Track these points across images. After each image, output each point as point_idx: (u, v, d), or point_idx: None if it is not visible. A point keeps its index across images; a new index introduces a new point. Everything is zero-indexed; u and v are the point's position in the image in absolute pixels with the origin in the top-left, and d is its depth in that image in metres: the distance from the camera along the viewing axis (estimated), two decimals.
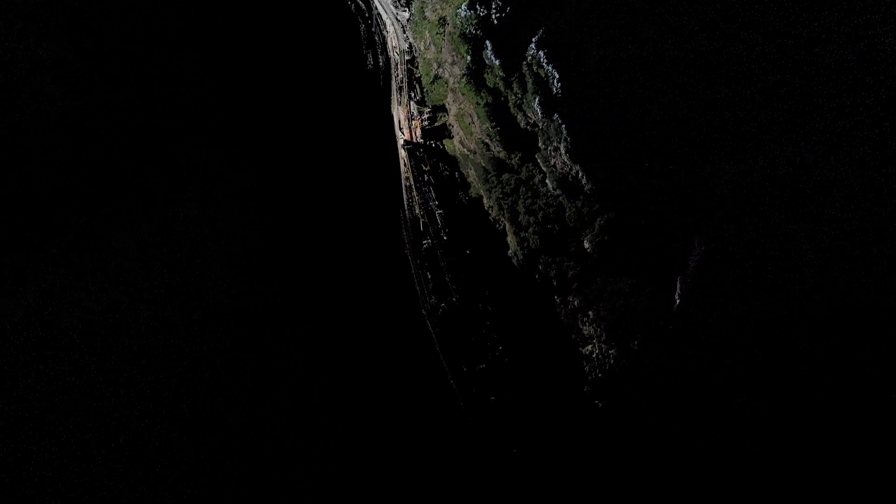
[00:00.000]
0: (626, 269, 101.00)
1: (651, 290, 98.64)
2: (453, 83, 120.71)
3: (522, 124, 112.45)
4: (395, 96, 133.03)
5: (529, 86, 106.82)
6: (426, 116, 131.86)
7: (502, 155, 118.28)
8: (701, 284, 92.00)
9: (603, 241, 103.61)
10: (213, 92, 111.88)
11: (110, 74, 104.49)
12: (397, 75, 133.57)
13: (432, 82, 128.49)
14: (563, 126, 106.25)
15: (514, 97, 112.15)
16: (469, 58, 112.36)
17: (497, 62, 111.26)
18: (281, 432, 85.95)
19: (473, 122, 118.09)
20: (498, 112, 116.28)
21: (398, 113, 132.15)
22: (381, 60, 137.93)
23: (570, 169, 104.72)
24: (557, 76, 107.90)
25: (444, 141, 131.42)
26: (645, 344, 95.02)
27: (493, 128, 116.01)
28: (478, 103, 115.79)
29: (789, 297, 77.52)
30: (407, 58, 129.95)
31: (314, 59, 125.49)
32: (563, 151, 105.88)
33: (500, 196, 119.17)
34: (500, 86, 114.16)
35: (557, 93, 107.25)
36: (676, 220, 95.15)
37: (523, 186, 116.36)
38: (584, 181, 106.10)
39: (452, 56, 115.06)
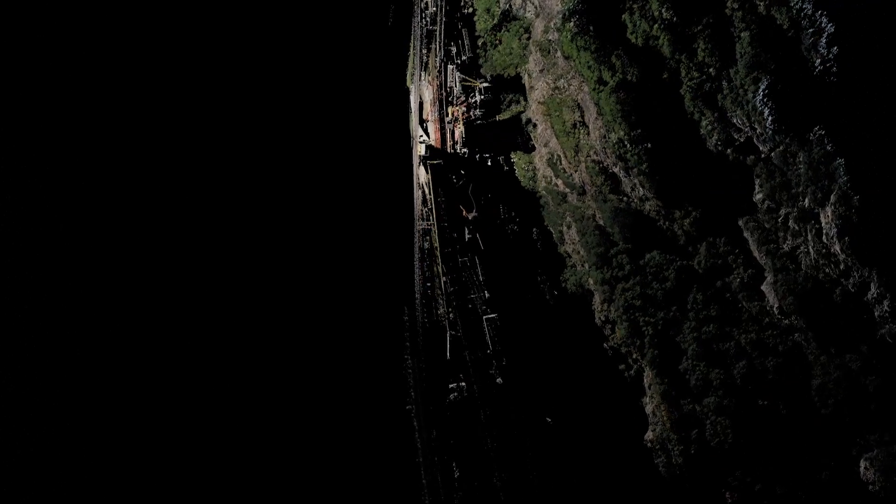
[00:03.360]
0: None
1: None
2: (543, 31, 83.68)
3: (714, 141, 70.37)
4: (416, 53, 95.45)
5: (744, 48, 65.05)
6: (477, 99, 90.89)
7: (650, 208, 77.23)
8: None
9: None
10: None
11: None
12: (424, 5, 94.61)
13: (496, 27, 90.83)
14: (840, 163, 59.75)
15: (695, 74, 69.49)
16: None
17: None
18: None
19: (585, 123, 79.89)
20: (647, 106, 73.17)
21: (421, 88, 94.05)
22: None
23: (848, 271, 61.90)
24: (831, 28, 60.25)
25: (512, 156, 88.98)
26: None
27: (633, 139, 73.86)
28: (601, 81, 75.63)
29: None
30: None
31: None
32: (830, 225, 61.25)
33: (637, 303, 74.08)
34: (663, 44, 71.11)
35: (827, 72, 60.57)
36: None
37: (698, 292, 71.67)
38: (881, 307, 60.04)
39: None
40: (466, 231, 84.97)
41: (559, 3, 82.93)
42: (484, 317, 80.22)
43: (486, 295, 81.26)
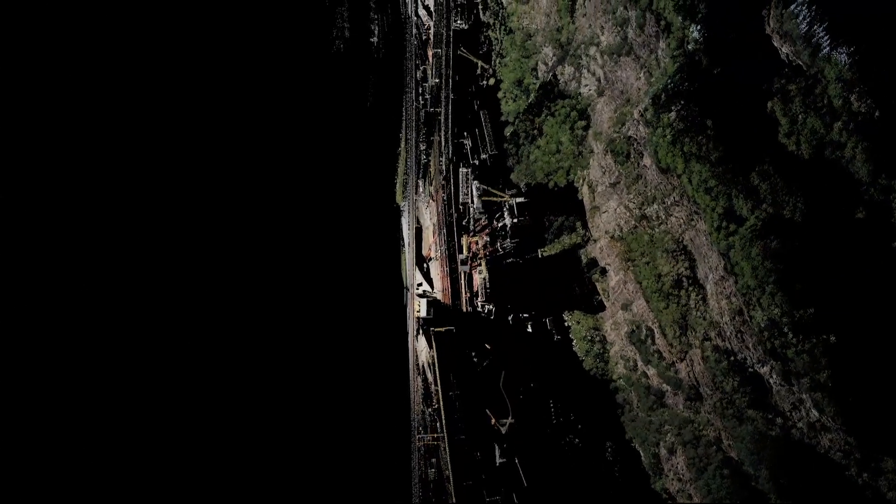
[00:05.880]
0: None
1: None
2: (615, 121, 58.05)
3: None
4: (411, 150, 69.93)
5: None
6: (507, 223, 64.05)
7: (832, 445, 48.26)
8: None
9: None
10: None
11: None
12: (421, 75, 69.86)
13: (532, 108, 64.44)
14: None
15: None
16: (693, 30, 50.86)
17: None
18: None
19: (700, 282, 52.31)
20: (824, 267, 45.99)
21: (418, 206, 69.38)
22: (377, 28, 78.03)
23: None
24: None
25: (565, 317, 60.20)
26: None
27: (799, 324, 45.82)
28: (731, 216, 49.43)
29: None
30: (462, 24, 66.67)
31: None
32: None
33: None
34: (854, 156, 44.47)
35: None
36: None
37: None
38: None
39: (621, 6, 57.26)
40: (498, 451, 56.86)
41: (642, 77, 54.77)
42: None
43: None
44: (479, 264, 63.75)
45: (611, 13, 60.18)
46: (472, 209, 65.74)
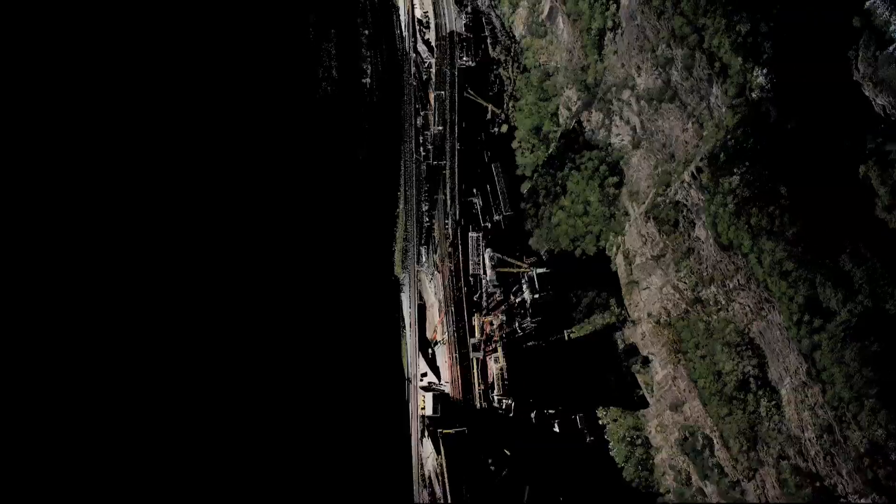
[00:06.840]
0: None
1: None
2: (656, 180, 50.18)
3: None
4: (411, 212, 64.75)
5: None
6: (526, 298, 57.24)
7: None
8: None
9: None
10: None
11: None
12: (422, 122, 64.08)
13: (553, 161, 58.41)
14: None
15: None
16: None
17: None
18: None
19: (773, 384, 43.75)
20: None
21: (421, 278, 63.73)
22: (371, 67, 69.93)
23: None
24: None
25: (599, 413, 53.24)
26: None
27: None
28: (815, 308, 40.57)
29: None
30: (469, 61, 62.47)
31: None
32: None
33: None
34: None
35: None
36: None
37: None
38: None
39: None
40: None
41: (690, 129, 46.65)
42: None
43: None
44: (495, 349, 55.04)
45: (649, 51, 51.81)
46: (484, 282, 57.78)
